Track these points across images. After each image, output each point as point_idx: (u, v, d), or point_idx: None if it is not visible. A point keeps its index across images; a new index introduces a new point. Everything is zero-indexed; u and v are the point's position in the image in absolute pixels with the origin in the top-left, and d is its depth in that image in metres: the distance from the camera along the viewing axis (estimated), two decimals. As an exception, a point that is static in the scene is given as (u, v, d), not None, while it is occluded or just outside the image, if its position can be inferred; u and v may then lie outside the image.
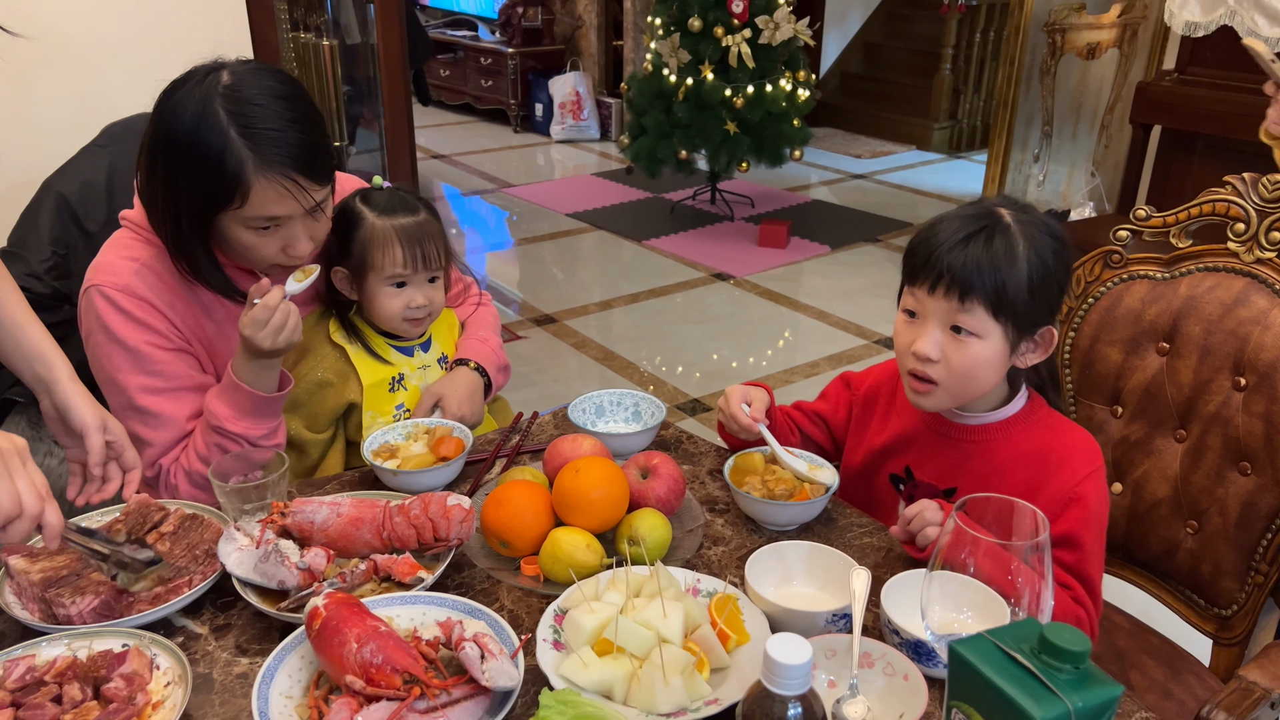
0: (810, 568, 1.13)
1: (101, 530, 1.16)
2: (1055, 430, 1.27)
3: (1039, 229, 1.19)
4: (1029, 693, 0.65)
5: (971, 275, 1.15)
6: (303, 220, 1.33)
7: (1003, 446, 1.27)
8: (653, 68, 5.15)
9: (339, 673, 0.92)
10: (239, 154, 1.24)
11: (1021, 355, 1.23)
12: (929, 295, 1.19)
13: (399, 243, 1.45)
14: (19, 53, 2.32)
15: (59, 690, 0.94)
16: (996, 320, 1.17)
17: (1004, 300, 1.16)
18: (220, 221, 1.30)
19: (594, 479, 1.18)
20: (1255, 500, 1.37)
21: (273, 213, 1.29)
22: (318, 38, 3.32)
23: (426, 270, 1.48)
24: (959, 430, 1.30)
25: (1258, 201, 1.37)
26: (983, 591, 0.87)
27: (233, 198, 1.26)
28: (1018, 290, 1.16)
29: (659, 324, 4.20)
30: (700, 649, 0.98)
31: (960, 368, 1.19)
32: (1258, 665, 1.19)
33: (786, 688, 0.75)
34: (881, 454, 1.37)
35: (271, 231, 1.31)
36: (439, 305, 1.53)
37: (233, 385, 1.34)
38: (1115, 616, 1.59)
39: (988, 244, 1.16)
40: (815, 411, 1.43)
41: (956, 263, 1.16)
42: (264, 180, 1.26)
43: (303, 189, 1.29)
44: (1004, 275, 1.15)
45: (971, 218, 1.20)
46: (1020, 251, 1.17)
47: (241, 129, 1.24)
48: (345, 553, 1.15)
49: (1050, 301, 1.21)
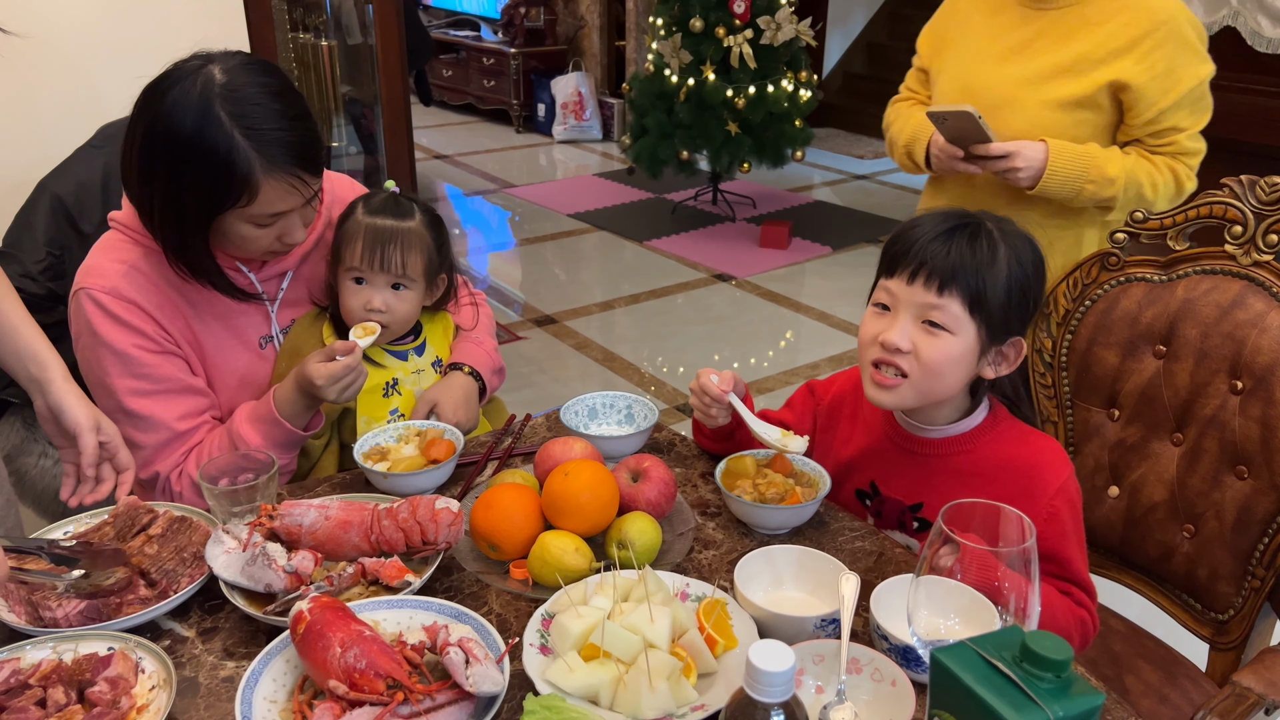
0: (800, 572, 1.12)
1: (41, 549, 1.12)
2: (1020, 442, 1.25)
3: (1020, 239, 1.20)
4: (1010, 701, 0.65)
5: (953, 266, 1.15)
6: (300, 211, 1.35)
7: (967, 460, 1.25)
8: (654, 68, 5.15)
9: (323, 677, 0.91)
10: (246, 156, 1.25)
11: (990, 363, 1.21)
12: (907, 285, 1.18)
13: (362, 239, 1.45)
14: (15, 53, 2.32)
15: (43, 694, 0.93)
16: (971, 317, 1.17)
17: (981, 297, 1.16)
18: (223, 219, 1.31)
19: (583, 482, 1.17)
20: (1252, 504, 1.36)
21: (278, 209, 1.31)
22: (317, 38, 3.32)
23: (385, 274, 1.45)
24: (921, 444, 1.28)
25: (1255, 204, 1.36)
26: (971, 596, 0.86)
27: (240, 197, 1.27)
28: (995, 290, 1.16)
29: (660, 325, 4.20)
30: (687, 654, 0.97)
31: (930, 361, 1.17)
32: (1252, 671, 1.18)
33: (769, 695, 0.74)
34: (847, 468, 1.36)
35: (270, 223, 1.33)
36: (401, 316, 1.48)
37: (273, 420, 1.37)
38: (1111, 621, 1.58)
39: (971, 241, 1.17)
40: (780, 421, 1.42)
41: (939, 253, 1.16)
42: (271, 180, 1.27)
43: (305, 184, 1.32)
44: (984, 273, 1.16)
45: (955, 216, 1.20)
46: (1001, 254, 1.17)
47: (245, 130, 1.25)
48: (333, 556, 1.15)
49: (1024, 311, 1.20)
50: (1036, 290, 1.21)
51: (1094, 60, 1.73)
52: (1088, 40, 1.74)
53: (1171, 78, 1.70)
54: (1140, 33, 1.69)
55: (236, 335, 1.46)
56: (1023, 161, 1.71)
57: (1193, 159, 1.77)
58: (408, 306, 1.49)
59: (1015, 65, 1.80)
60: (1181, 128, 1.73)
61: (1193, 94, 1.71)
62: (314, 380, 1.33)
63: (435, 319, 1.61)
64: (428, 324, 1.59)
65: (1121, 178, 1.73)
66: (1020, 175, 1.72)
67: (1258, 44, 3.38)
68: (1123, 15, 1.72)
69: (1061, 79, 1.75)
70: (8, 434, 1.95)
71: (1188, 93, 1.70)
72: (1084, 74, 1.73)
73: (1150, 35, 1.69)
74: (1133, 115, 1.74)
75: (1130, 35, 1.70)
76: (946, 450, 1.26)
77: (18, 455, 1.96)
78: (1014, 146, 1.70)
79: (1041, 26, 1.79)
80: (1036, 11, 1.80)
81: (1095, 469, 1.54)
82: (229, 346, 1.45)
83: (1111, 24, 1.72)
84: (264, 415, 1.38)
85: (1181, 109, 1.72)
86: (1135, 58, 1.70)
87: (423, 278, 1.49)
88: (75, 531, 1.20)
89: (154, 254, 1.38)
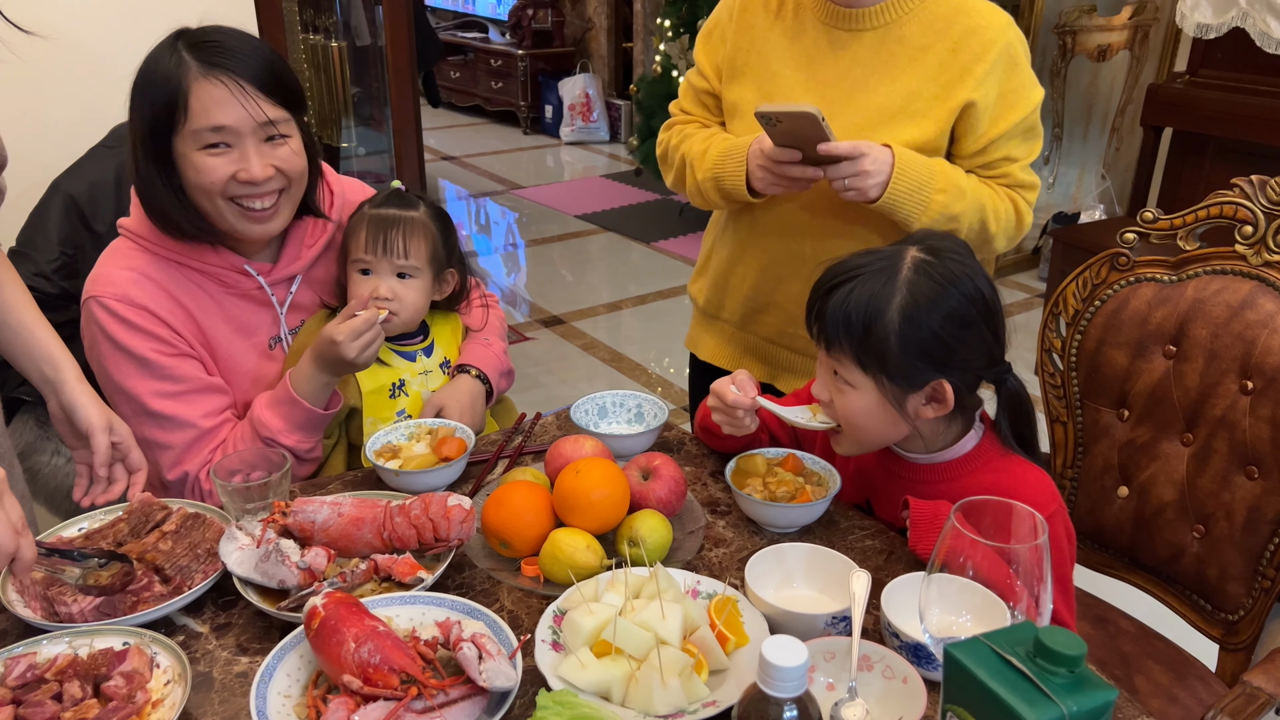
0: (811, 570, 1.12)
1: (69, 546, 1.14)
2: (1005, 473, 1.20)
3: (932, 277, 1.13)
4: (1023, 696, 0.65)
5: (837, 326, 1.15)
6: (254, 141, 1.32)
7: (946, 488, 1.21)
8: (662, 70, 5.16)
9: (337, 672, 0.92)
10: (183, 62, 1.27)
11: (915, 408, 1.17)
12: (816, 340, 1.19)
13: (366, 227, 1.46)
14: (29, 54, 2.33)
15: (59, 688, 0.94)
16: (865, 373, 1.16)
17: (869, 354, 1.14)
18: (175, 149, 1.31)
19: (594, 480, 1.17)
20: (1262, 505, 1.36)
21: (217, 120, 1.28)
22: (327, 40, 3.34)
23: (390, 259, 1.46)
24: (907, 469, 1.26)
25: (1265, 204, 1.36)
26: (982, 594, 0.86)
27: (177, 107, 1.27)
28: (883, 342, 1.12)
29: (667, 325, 4.20)
30: (699, 651, 0.98)
31: (843, 413, 1.20)
32: (1262, 670, 1.18)
33: (782, 690, 0.75)
34: (846, 481, 1.33)
35: (222, 151, 1.30)
36: (408, 305, 1.48)
37: (290, 400, 1.37)
38: (1121, 621, 1.58)
39: (851, 293, 1.14)
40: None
41: (825, 311, 1.16)
42: (206, 83, 1.27)
43: (247, 95, 1.29)
44: (865, 327, 1.13)
45: (864, 264, 1.16)
46: (894, 303, 1.12)
47: (190, 46, 1.29)
48: (346, 552, 1.15)
49: (932, 354, 1.13)
50: (946, 331, 1.13)
51: (928, 98, 1.47)
52: (914, 74, 1.47)
53: (1004, 104, 1.48)
54: (971, 57, 1.46)
55: (246, 337, 1.46)
56: (871, 165, 1.39)
57: (1029, 193, 1.54)
58: (414, 295, 1.49)
59: (838, 107, 1.49)
60: (1014, 158, 1.51)
61: (1025, 121, 1.50)
62: (334, 337, 1.33)
63: (444, 320, 1.61)
64: (436, 325, 1.59)
65: (970, 191, 1.48)
66: (869, 183, 1.39)
67: (1266, 45, 3.37)
68: (948, 38, 1.46)
69: (897, 124, 1.48)
70: (20, 433, 1.96)
71: (1020, 120, 1.49)
72: (923, 115, 1.47)
73: (982, 59, 1.45)
74: (962, 145, 1.51)
75: (962, 62, 1.46)
76: (930, 477, 1.24)
77: (31, 454, 1.97)
78: (864, 146, 1.38)
79: (856, 53, 1.50)
80: (849, 34, 1.50)
81: (1105, 469, 1.54)
82: (239, 348, 1.45)
83: (937, 49, 1.47)
84: (282, 398, 1.38)
85: (1014, 138, 1.50)
86: (971, 85, 1.46)
87: (428, 266, 1.49)
88: (89, 529, 1.21)
89: (162, 260, 1.39)
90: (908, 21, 1.48)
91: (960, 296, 1.13)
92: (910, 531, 1.16)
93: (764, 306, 1.64)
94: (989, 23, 1.47)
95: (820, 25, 1.52)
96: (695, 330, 1.81)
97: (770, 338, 1.66)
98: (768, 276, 1.62)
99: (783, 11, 1.55)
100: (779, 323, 1.63)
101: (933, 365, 1.14)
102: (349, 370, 1.39)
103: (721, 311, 1.72)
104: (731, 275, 1.67)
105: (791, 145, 1.39)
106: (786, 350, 1.66)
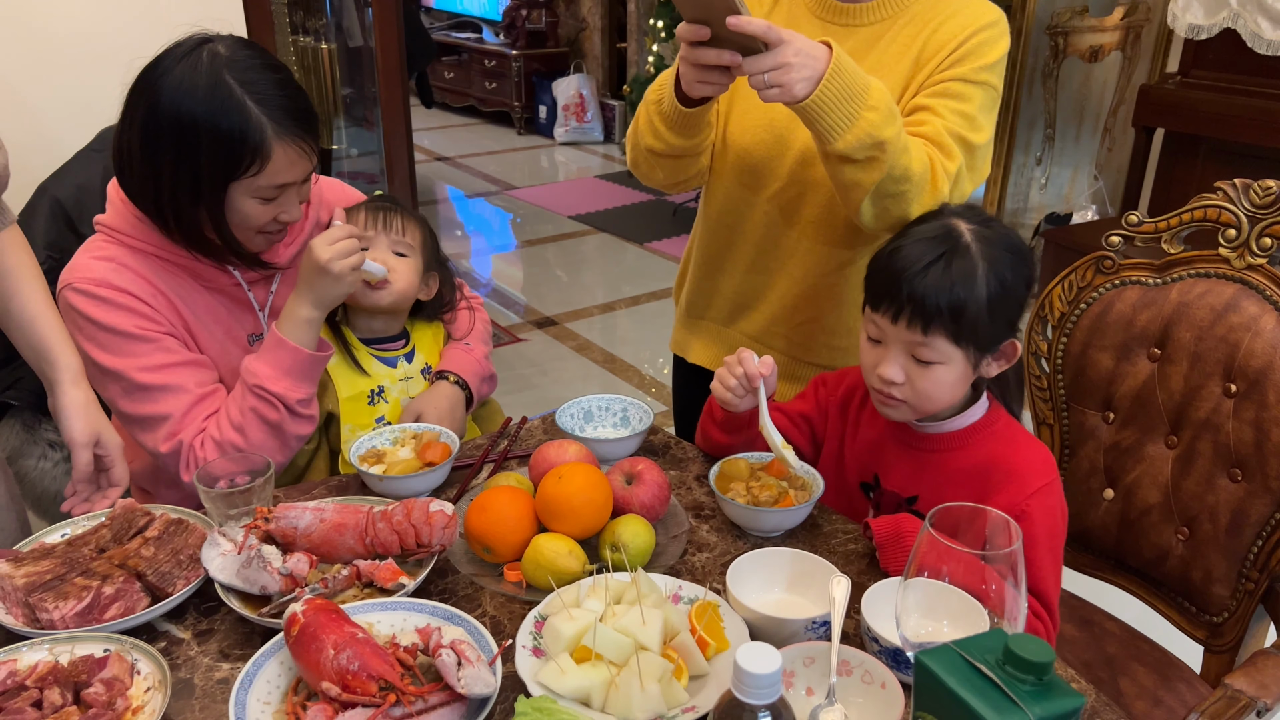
0: (793, 574, 1.12)
1: None
2: (1008, 443, 1.26)
3: (998, 245, 1.19)
4: (991, 703, 0.65)
5: (935, 307, 1.16)
6: (298, 187, 1.37)
7: (957, 456, 1.27)
8: (656, 70, 5.16)
9: (316, 679, 0.92)
10: (259, 122, 1.27)
11: (986, 367, 1.24)
12: (892, 324, 1.19)
13: (365, 209, 1.52)
14: (15, 56, 2.33)
15: (39, 695, 0.94)
16: (958, 346, 1.18)
17: (963, 328, 1.17)
18: (227, 193, 1.31)
19: (577, 485, 1.17)
20: (1245, 507, 1.36)
21: (285, 179, 1.32)
22: (317, 41, 3.33)
23: (388, 234, 1.50)
24: (919, 439, 1.30)
25: (1249, 207, 1.37)
26: (960, 599, 0.87)
27: (252, 165, 1.29)
28: (977, 314, 1.16)
29: (661, 327, 4.20)
30: (679, 656, 0.98)
31: (924, 390, 1.22)
32: (1244, 673, 1.18)
33: (756, 697, 0.75)
34: (854, 460, 1.37)
35: (273, 199, 1.34)
36: (401, 278, 1.49)
37: (276, 342, 1.36)
38: (1106, 623, 1.58)
39: (946, 270, 1.16)
40: (800, 413, 1.42)
41: (917, 294, 1.16)
42: (281, 146, 1.29)
43: (308, 153, 1.34)
44: (963, 302, 1.16)
45: (932, 240, 1.19)
46: (980, 275, 1.16)
47: (256, 98, 1.28)
48: (328, 558, 1.15)
49: (1010, 317, 1.21)
50: (1020, 291, 1.20)
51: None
52: (906, 71, 1.41)
53: (947, 56, 1.37)
54: (947, 36, 1.39)
55: (227, 332, 1.46)
56: (796, 56, 1.17)
57: (948, 161, 1.34)
58: (408, 272, 1.51)
59: None
60: (933, 110, 1.36)
61: (962, 83, 1.36)
62: (313, 250, 1.34)
63: (426, 325, 1.61)
64: (417, 330, 1.59)
65: (900, 121, 1.29)
66: (793, 77, 1.18)
67: (1258, 46, 3.37)
68: (951, 23, 1.39)
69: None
70: (7, 436, 1.96)
71: (957, 76, 1.36)
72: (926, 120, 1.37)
73: (955, 38, 1.38)
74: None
75: (939, 41, 1.39)
76: (942, 445, 1.28)
77: (18, 457, 1.97)
78: (787, 34, 1.17)
79: (850, 49, 1.40)
80: (843, 29, 1.45)
81: (1090, 472, 1.54)
82: (220, 342, 1.44)
83: (943, 32, 1.39)
84: (268, 344, 1.37)
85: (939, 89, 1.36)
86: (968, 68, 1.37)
87: (420, 252, 1.53)
88: (72, 534, 1.20)
89: (140, 254, 1.38)
90: (902, 19, 1.44)
91: (1019, 256, 1.20)
92: (879, 553, 1.19)
93: (749, 304, 1.65)
94: (977, 15, 1.40)
95: (814, 20, 1.49)
96: (680, 333, 1.81)
97: (755, 335, 1.67)
98: (754, 271, 1.62)
99: (777, 5, 1.54)
100: (764, 320, 1.64)
101: (1008, 324, 1.21)
102: (329, 289, 1.35)
103: (707, 311, 1.72)
104: (719, 274, 1.67)
105: (702, 21, 1.21)
106: (768, 350, 1.67)
